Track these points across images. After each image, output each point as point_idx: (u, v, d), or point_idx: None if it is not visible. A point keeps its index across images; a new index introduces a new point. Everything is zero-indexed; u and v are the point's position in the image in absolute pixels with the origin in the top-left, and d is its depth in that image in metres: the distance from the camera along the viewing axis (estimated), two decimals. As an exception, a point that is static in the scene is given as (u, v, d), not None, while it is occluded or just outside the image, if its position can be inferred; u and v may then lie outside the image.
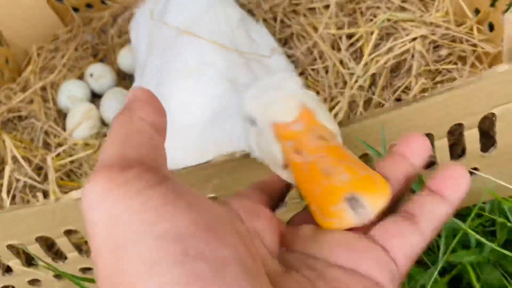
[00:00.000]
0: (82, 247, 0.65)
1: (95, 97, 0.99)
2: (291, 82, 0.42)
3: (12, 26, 1.09)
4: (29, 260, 0.67)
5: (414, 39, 0.81)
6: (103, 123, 0.91)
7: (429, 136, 0.58)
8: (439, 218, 0.32)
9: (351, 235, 0.32)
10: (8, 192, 0.69)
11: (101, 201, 0.25)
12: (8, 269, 0.66)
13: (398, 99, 0.73)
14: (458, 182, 0.33)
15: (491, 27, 0.79)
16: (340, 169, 0.32)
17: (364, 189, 0.31)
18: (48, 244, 0.65)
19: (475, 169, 0.60)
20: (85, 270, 0.66)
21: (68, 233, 0.60)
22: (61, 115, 0.96)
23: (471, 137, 0.58)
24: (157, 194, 0.25)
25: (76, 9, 1.16)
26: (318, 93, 0.83)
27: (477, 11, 0.81)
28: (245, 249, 0.26)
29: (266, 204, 0.39)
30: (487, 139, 0.62)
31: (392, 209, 0.35)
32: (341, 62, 0.85)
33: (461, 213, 0.63)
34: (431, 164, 0.62)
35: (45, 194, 0.78)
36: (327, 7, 0.95)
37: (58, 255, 0.66)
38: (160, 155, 0.29)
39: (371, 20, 0.90)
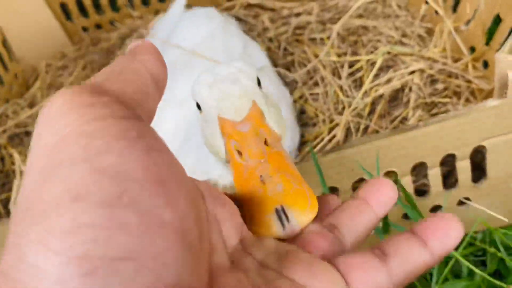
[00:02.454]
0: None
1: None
2: (248, 76, 0.40)
3: (22, 42, 1.12)
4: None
5: (413, 72, 0.84)
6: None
7: (423, 164, 0.61)
8: (415, 265, 0.28)
9: (314, 257, 0.29)
10: (13, 203, 0.70)
11: (57, 116, 0.22)
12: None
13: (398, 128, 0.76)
14: (449, 235, 0.28)
15: (486, 65, 0.83)
16: (276, 179, 0.32)
17: (293, 204, 0.31)
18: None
19: (467, 199, 0.62)
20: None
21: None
22: (66, 131, 0.98)
23: (463, 168, 0.60)
24: (118, 126, 0.22)
25: (85, 29, 1.19)
26: (316, 116, 0.86)
27: (472, 49, 0.85)
28: (195, 224, 0.23)
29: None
30: (479, 171, 0.64)
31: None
32: (341, 88, 0.88)
33: (453, 241, 0.65)
34: (423, 192, 0.65)
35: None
36: (329, 38, 0.99)
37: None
38: (147, 102, 0.27)
39: (372, 52, 0.93)
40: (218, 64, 0.44)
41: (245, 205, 0.33)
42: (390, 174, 0.61)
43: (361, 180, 0.58)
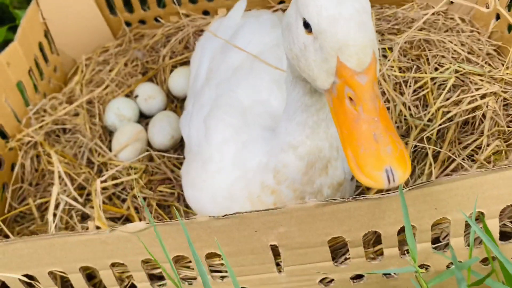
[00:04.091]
0: (124, 281, 0.61)
1: (141, 117, 0.97)
2: (369, 14, 0.41)
3: (63, 34, 1.08)
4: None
5: (484, 95, 0.77)
6: (150, 146, 0.88)
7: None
8: None
9: None
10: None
11: None
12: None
13: (470, 157, 0.69)
14: None
15: None
16: (387, 140, 0.39)
17: (399, 167, 0.39)
18: (87, 275, 0.61)
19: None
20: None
21: (112, 265, 0.56)
22: (106, 132, 0.94)
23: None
24: None
25: (128, 24, 1.14)
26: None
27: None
28: None
29: None
30: None
31: None
32: (404, 105, 0.81)
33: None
34: (508, 236, 0.58)
35: (84, 216, 0.75)
36: (391, 49, 0.92)
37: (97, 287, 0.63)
38: None
39: (436, 69, 0.87)
40: None
41: (353, 151, 0.40)
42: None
43: (444, 219, 0.52)
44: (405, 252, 0.57)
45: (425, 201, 0.50)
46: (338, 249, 0.61)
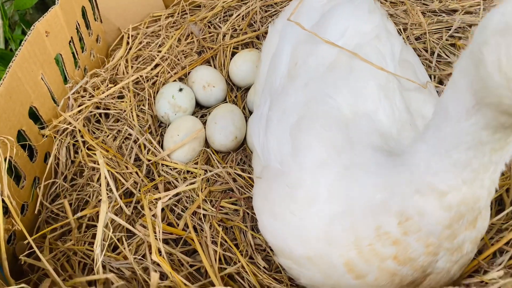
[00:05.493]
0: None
1: (196, 107, 0.82)
2: None
3: (109, -1, 0.93)
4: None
5: None
6: (206, 146, 0.73)
7: None
8: None
9: None
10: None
11: None
12: None
13: None
14: None
15: None
16: None
17: None
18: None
19: None
20: None
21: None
22: (156, 122, 0.79)
23: None
24: None
25: (182, -9, 0.99)
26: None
27: None
28: None
29: None
30: None
31: None
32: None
33: None
34: None
35: (130, 232, 0.62)
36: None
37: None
38: None
39: None
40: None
41: None
42: None
43: None
44: None
45: None
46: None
